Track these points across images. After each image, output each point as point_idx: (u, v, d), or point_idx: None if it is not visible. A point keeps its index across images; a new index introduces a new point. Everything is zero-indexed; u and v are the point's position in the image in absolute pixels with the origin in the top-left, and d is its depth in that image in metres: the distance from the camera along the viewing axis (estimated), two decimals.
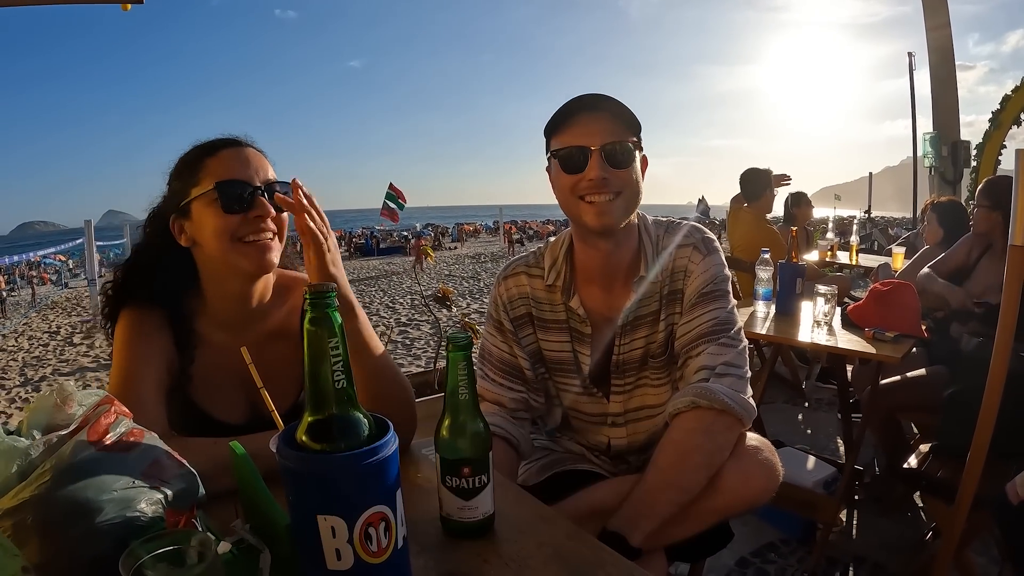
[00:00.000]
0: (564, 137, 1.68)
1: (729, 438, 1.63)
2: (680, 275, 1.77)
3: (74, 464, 0.94)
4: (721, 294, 1.75)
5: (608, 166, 1.63)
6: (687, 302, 1.76)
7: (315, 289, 0.84)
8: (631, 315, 1.78)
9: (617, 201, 1.67)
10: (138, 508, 0.94)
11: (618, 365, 1.82)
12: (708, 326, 1.71)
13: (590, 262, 1.80)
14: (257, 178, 1.56)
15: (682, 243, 1.79)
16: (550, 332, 1.86)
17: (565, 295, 1.83)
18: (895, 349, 2.78)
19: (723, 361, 1.67)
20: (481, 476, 1.16)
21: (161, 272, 1.61)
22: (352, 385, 0.87)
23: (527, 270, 1.90)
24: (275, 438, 0.99)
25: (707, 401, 1.60)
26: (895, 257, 5.49)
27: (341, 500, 0.83)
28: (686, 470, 1.58)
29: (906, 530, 3.29)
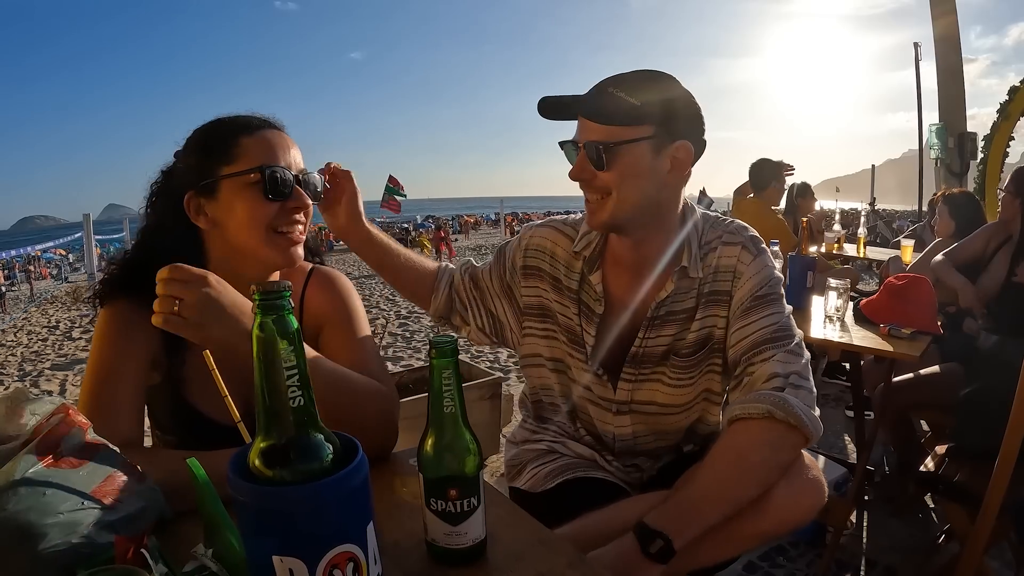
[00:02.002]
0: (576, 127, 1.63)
1: (793, 457, 1.49)
2: (727, 275, 1.67)
3: (18, 483, 0.85)
4: (776, 298, 1.64)
5: (589, 165, 1.57)
6: (739, 305, 1.64)
7: (265, 288, 0.73)
8: (663, 308, 1.69)
9: (607, 201, 1.59)
10: (85, 533, 0.85)
11: (636, 356, 1.72)
12: (770, 331, 1.58)
13: (619, 249, 1.73)
14: (295, 165, 1.49)
15: (728, 240, 1.68)
16: (561, 295, 1.80)
17: (587, 267, 1.76)
18: (912, 347, 2.69)
19: (794, 371, 1.53)
20: (470, 499, 1.04)
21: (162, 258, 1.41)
22: (312, 402, 0.75)
23: (561, 228, 1.84)
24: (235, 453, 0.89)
25: (783, 413, 1.45)
26: (904, 250, 5.43)
27: (300, 539, 0.72)
28: (744, 483, 1.43)
29: (918, 532, 3.22)
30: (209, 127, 1.50)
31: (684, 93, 1.59)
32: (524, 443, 1.94)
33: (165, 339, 1.48)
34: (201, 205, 1.47)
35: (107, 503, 0.90)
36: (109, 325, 1.47)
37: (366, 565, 0.76)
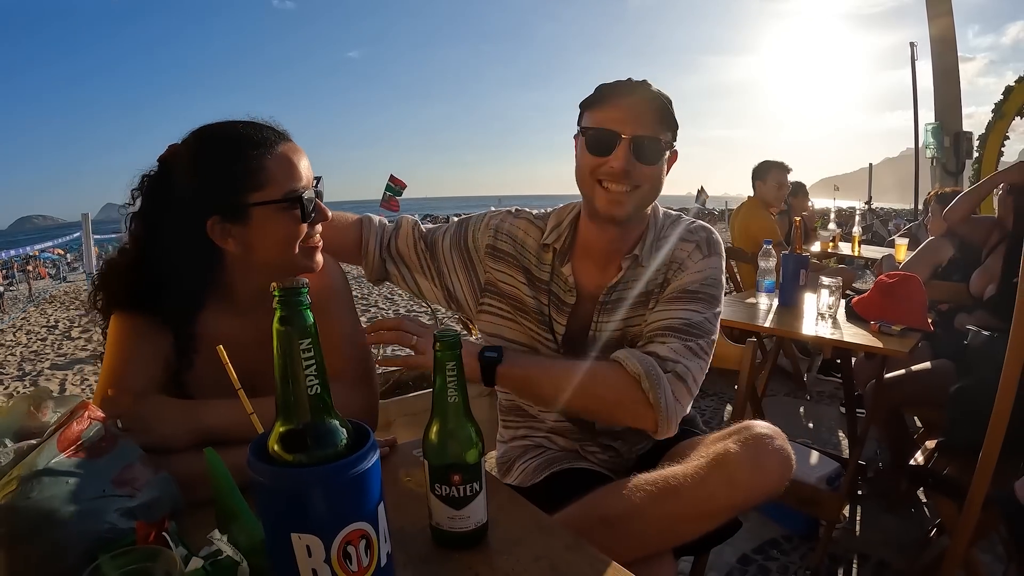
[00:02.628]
0: (598, 116, 1.66)
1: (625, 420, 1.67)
2: (674, 266, 1.75)
3: (41, 472, 0.90)
4: (705, 298, 1.71)
5: (634, 159, 1.62)
6: (669, 292, 1.73)
7: (285, 285, 0.78)
8: (615, 294, 1.77)
9: (634, 194, 1.66)
10: (107, 519, 0.90)
11: (595, 341, 1.79)
12: (681, 322, 1.67)
13: (593, 240, 1.78)
14: (310, 180, 1.49)
15: (686, 237, 1.77)
16: (532, 286, 1.84)
17: (559, 259, 1.82)
18: (902, 343, 2.74)
19: (684, 363, 1.62)
20: (473, 484, 1.10)
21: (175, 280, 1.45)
22: (327, 391, 0.80)
23: (532, 219, 1.90)
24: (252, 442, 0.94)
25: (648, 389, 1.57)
26: (898, 248, 5.46)
27: (316, 517, 0.77)
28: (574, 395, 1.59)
29: (910, 526, 3.24)
30: (224, 148, 1.42)
31: None
32: (511, 440, 2.00)
33: (176, 340, 1.50)
34: (228, 229, 1.43)
35: (126, 491, 0.95)
36: (122, 329, 1.48)
37: (377, 542, 0.81)
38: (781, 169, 5.49)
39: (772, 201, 5.52)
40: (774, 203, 5.54)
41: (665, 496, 1.48)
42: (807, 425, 4.64)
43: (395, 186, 8.30)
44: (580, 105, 1.72)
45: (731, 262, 5.60)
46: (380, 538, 0.82)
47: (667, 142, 1.66)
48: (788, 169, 5.56)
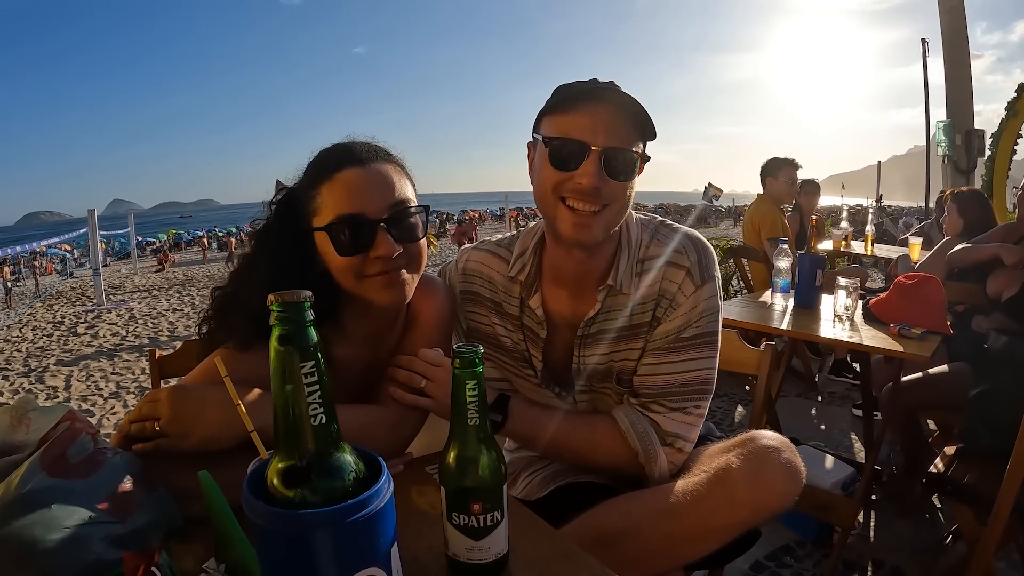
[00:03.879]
0: (562, 123, 1.46)
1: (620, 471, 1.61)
2: (664, 303, 1.59)
3: (21, 496, 0.84)
4: (703, 342, 1.59)
5: (605, 174, 1.43)
6: (664, 337, 1.59)
7: (284, 299, 0.70)
8: (593, 327, 1.65)
9: (602, 214, 1.48)
10: (93, 549, 0.84)
11: (580, 372, 1.70)
12: (680, 382, 1.58)
13: (560, 266, 1.64)
14: (377, 206, 1.37)
15: (674, 261, 1.59)
16: (505, 320, 1.75)
17: (525, 291, 1.70)
18: (922, 347, 2.68)
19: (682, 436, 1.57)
20: (494, 513, 1.01)
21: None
22: (334, 419, 0.72)
23: (495, 250, 1.78)
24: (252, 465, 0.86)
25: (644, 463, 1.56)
26: (912, 248, 5.40)
27: (322, 564, 0.69)
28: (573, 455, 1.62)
29: (924, 532, 3.20)
30: (311, 164, 1.44)
31: None
32: (517, 450, 1.93)
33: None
34: (315, 248, 1.43)
35: (115, 516, 0.89)
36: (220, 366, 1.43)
37: None
38: (791, 166, 5.45)
39: (782, 198, 5.47)
40: (784, 200, 5.50)
41: (663, 515, 1.42)
42: (819, 427, 4.60)
43: None
44: (540, 112, 1.53)
45: (742, 260, 5.56)
46: None
47: (641, 153, 1.48)
48: (798, 166, 5.51)
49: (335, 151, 1.42)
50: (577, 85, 1.49)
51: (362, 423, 1.41)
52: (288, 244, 1.43)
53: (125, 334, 10.65)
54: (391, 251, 1.36)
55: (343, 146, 1.43)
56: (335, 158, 1.40)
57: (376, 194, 1.37)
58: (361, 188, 1.37)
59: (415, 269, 1.46)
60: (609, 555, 1.33)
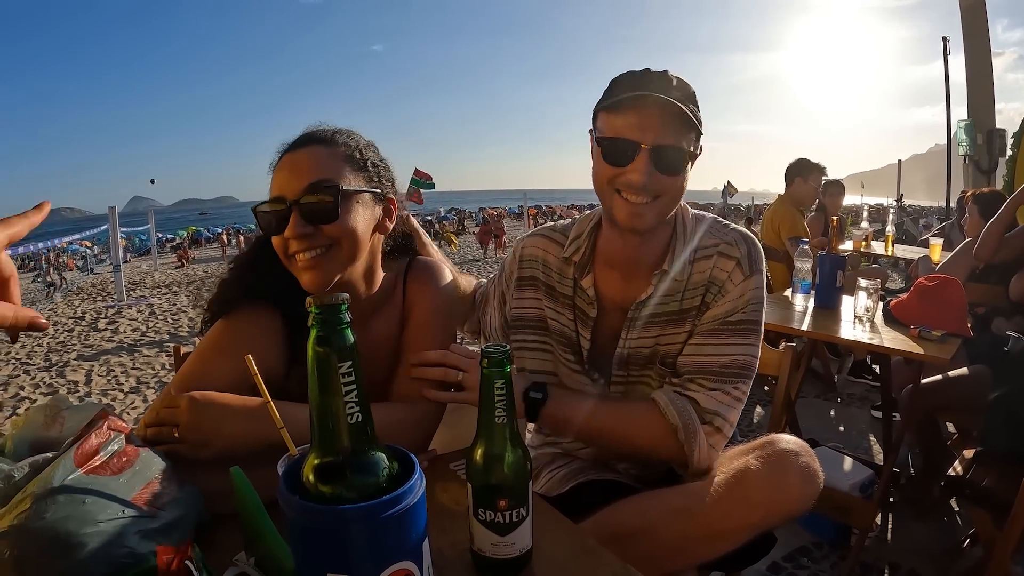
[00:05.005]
0: (614, 121, 1.52)
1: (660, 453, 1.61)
2: (714, 288, 1.64)
3: (56, 490, 0.85)
4: (747, 329, 1.62)
5: (655, 170, 1.49)
6: (711, 320, 1.63)
7: (323, 302, 0.71)
8: (644, 310, 1.69)
9: (654, 204, 1.54)
10: (126, 543, 0.85)
11: (622, 358, 1.72)
12: (723, 364, 1.60)
13: (614, 250, 1.69)
14: (292, 189, 1.40)
15: (727, 252, 1.64)
16: (556, 303, 1.79)
17: (579, 272, 1.74)
18: (942, 349, 2.68)
19: (721, 415, 1.57)
20: (519, 509, 1.03)
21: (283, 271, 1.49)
22: (369, 417, 0.74)
23: (550, 235, 1.84)
24: (283, 460, 0.88)
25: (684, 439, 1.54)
26: (932, 249, 5.37)
27: (357, 558, 0.71)
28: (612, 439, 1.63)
29: (942, 535, 3.19)
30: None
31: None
32: (540, 447, 1.96)
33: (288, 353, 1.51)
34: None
35: (147, 511, 0.90)
36: (225, 334, 1.48)
37: None
38: (820, 172, 5.42)
39: (805, 201, 5.44)
40: (807, 204, 5.46)
41: (678, 515, 1.45)
42: (838, 428, 4.59)
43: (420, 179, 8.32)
44: (595, 107, 1.59)
45: None
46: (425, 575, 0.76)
47: (690, 148, 1.52)
48: (826, 172, 5.49)
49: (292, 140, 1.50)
50: (629, 81, 1.53)
51: (388, 421, 1.43)
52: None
53: (145, 330, 10.73)
54: (294, 233, 1.38)
55: (307, 130, 1.51)
56: (284, 146, 1.48)
57: (295, 177, 1.41)
58: (284, 172, 1.44)
59: (341, 253, 1.45)
60: (624, 552, 1.35)
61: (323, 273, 1.42)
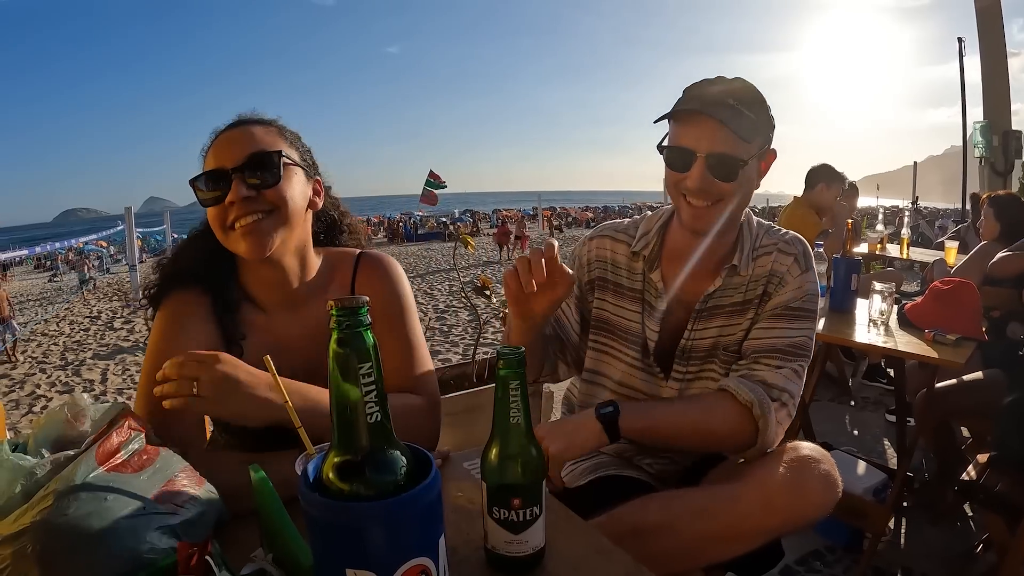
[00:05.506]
0: (675, 131, 1.65)
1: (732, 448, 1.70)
2: (775, 279, 1.75)
3: (79, 487, 0.87)
4: (807, 315, 1.73)
5: (711, 176, 1.59)
6: (774, 307, 1.73)
7: (344, 304, 0.73)
8: (711, 301, 1.77)
9: (715, 207, 1.64)
10: (147, 538, 0.87)
11: (684, 350, 1.79)
12: (787, 343, 1.69)
13: (683, 246, 1.78)
14: (232, 159, 1.44)
15: (785, 250, 1.76)
16: (623, 299, 1.86)
17: (647, 266, 1.82)
18: (956, 353, 2.68)
19: (788, 390, 1.65)
20: (533, 508, 1.04)
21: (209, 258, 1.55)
22: (388, 417, 0.75)
23: (613, 234, 1.90)
24: (300, 460, 0.89)
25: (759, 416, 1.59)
26: (948, 252, 5.33)
27: (375, 553, 0.72)
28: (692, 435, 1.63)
29: (956, 541, 3.18)
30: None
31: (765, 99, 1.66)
32: None
33: (221, 335, 1.53)
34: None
35: (167, 508, 0.92)
36: (165, 323, 1.51)
37: None
38: (843, 181, 5.39)
39: (824, 208, 5.38)
40: (826, 210, 5.41)
41: (700, 515, 1.48)
42: (852, 432, 4.58)
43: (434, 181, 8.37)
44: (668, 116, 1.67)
45: None
46: (440, 572, 0.78)
47: (747, 156, 1.60)
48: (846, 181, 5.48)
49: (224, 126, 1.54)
50: (694, 91, 1.63)
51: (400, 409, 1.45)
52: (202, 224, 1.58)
53: None
54: (236, 196, 1.41)
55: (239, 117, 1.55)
56: (216, 131, 1.52)
57: (234, 148, 1.46)
58: (222, 145, 1.48)
59: (279, 219, 1.48)
60: (642, 548, 1.37)
61: (262, 237, 1.44)
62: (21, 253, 22.58)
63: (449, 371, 4.22)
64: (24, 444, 0.98)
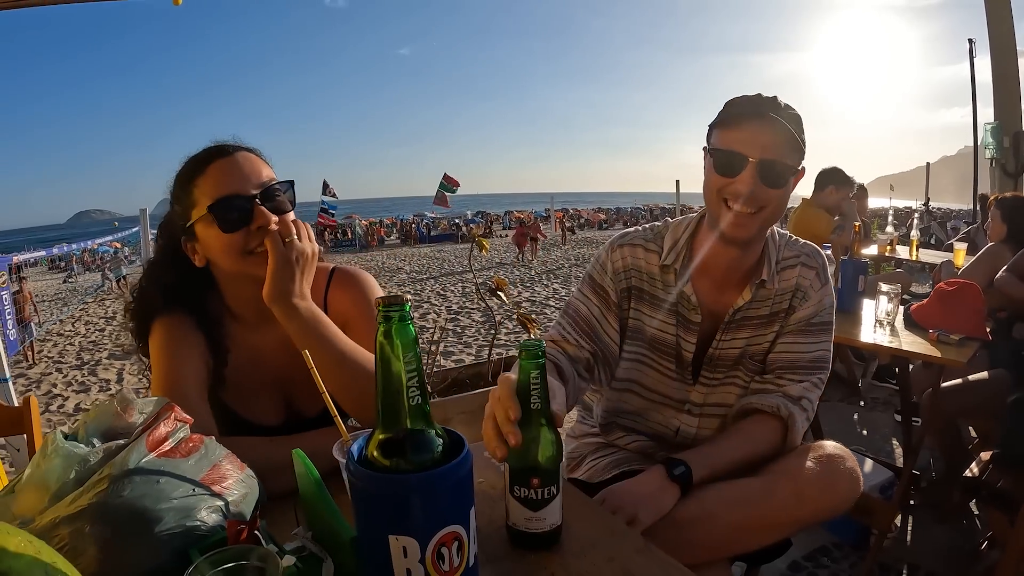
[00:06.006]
0: (727, 136, 1.67)
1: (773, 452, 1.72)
2: (800, 294, 1.83)
3: (132, 471, 0.93)
4: (828, 327, 1.84)
5: (761, 182, 1.63)
6: (798, 321, 1.82)
7: (388, 300, 0.81)
8: (740, 314, 1.83)
9: (758, 216, 1.68)
10: (198, 517, 0.94)
11: (712, 359, 1.86)
12: (810, 359, 1.80)
13: (714, 257, 1.81)
14: (251, 185, 1.52)
15: (808, 263, 1.85)
16: (657, 311, 1.87)
17: (679, 279, 1.84)
18: (959, 352, 2.71)
19: (807, 398, 1.77)
20: (551, 487, 1.13)
21: (181, 285, 1.63)
22: (427, 400, 0.84)
23: (644, 244, 1.90)
24: (337, 445, 0.98)
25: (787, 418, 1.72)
26: (956, 253, 5.32)
27: (415, 521, 0.81)
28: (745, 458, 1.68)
29: (961, 539, 3.21)
30: (176, 174, 1.59)
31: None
32: (583, 436, 2.06)
33: (211, 343, 1.62)
34: (193, 247, 1.59)
35: (215, 490, 0.99)
36: (165, 336, 1.59)
37: (468, 543, 0.85)
38: (852, 184, 5.42)
39: (833, 210, 5.39)
40: (834, 213, 5.42)
41: (736, 505, 1.54)
42: (861, 432, 4.60)
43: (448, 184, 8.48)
44: (710, 124, 1.73)
45: None
46: (470, 539, 0.86)
47: (794, 165, 1.67)
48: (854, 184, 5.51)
49: (202, 152, 1.58)
50: (743, 102, 1.69)
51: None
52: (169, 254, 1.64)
53: None
54: (268, 221, 1.50)
55: (209, 146, 1.59)
56: (204, 156, 1.56)
57: (247, 176, 1.53)
58: (234, 172, 1.53)
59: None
60: (677, 537, 1.47)
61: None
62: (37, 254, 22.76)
63: (465, 371, 4.28)
64: (75, 435, 1.05)
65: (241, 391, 1.67)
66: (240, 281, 1.59)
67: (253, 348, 1.66)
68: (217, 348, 1.63)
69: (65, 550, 0.86)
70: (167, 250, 1.65)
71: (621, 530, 1.22)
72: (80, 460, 0.97)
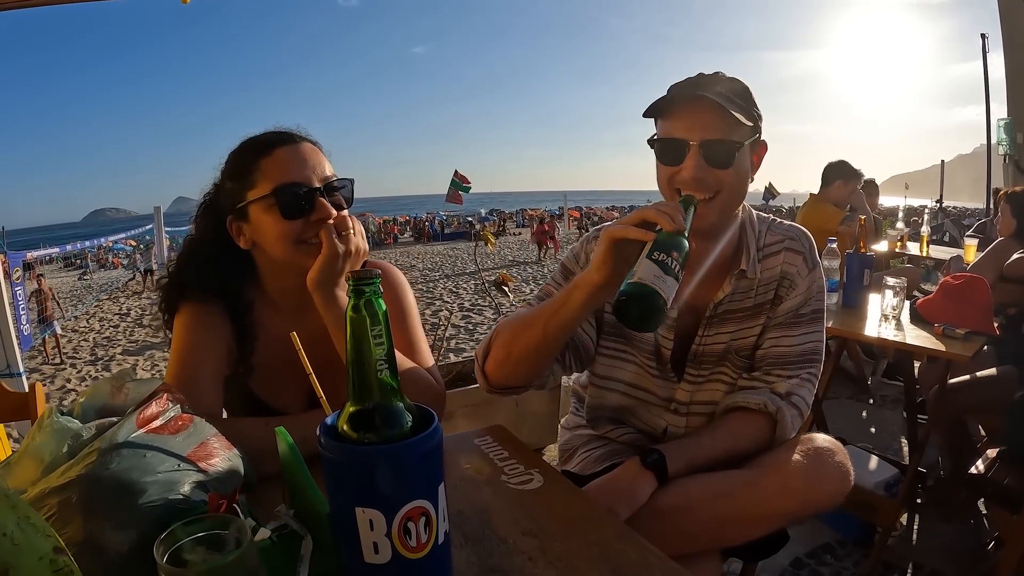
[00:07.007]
0: (664, 125, 1.62)
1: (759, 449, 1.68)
2: (786, 283, 1.75)
3: (120, 444, 0.95)
4: (818, 317, 1.76)
5: (708, 165, 1.55)
6: (786, 313, 1.74)
7: (358, 275, 0.82)
8: (721, 307, 1.75)
9: (714, 202, 1.59)
10: (181, 491, 0.95)
11: (696, 355, 1.78)
12: (800, 352, 1.73)
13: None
14: (315, 177, 1.54)
15: (793, 247, 1.76)
16: None
17: None
18: (965, 347, 2.69)
19: (799, 394, 1.70)
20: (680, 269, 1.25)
21: (218, 267, 1.62)
22: (396, 375, 0.84)
23: None
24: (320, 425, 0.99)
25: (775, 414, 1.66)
26: (967, 249, 5.29)
27: (380, 493, 0.81)
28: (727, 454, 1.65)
29: (968, 538, 3.19)
30: (235, 152, 1.60)
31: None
32: (576, 428, 2.03)
33: (237, 332, 1.63)
34: (240, 228, 1.59)
35: (201, 466, 1.01)
36: (189, 321, 1.61)
37: (436, 520, 0.85)
38: (859, 178, 5.40)
39: (841, 204, 5.36)
40: (842, 206, 5.39)
41: (719, 496, 1.53)
42: (869, 430, 4.59)
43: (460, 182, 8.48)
44: (650, 115, 1.65)
45: None
46: (439, 517, 0.85)
47: (741, 141, 1.58)
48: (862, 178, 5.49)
49: (268, 134, 1.60)
50: (678, 86, 1.63)
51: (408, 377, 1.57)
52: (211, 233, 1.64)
53: None
54: (329, 215, 1.52)
55: (274, 131, 1.61)
56: (271, 138, 1.58)
57: (310, 165, 1.55)
58: (301, 161, 1.55)
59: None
60: (660, 527, 1.46)
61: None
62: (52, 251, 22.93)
63: (470, 364, 4.31)
64: (71, 411, 1.07)
65: (268, 379, 1.68)
66: (284, 269, 1.60)
67: (282, 335, 1.67)
68: (244, 335, 1.64)
69: (53, 519, 0.88)
70: (209, 227, 1.65)
71: (602, 515, 1.23)
72: (73, 435, 0.99)
